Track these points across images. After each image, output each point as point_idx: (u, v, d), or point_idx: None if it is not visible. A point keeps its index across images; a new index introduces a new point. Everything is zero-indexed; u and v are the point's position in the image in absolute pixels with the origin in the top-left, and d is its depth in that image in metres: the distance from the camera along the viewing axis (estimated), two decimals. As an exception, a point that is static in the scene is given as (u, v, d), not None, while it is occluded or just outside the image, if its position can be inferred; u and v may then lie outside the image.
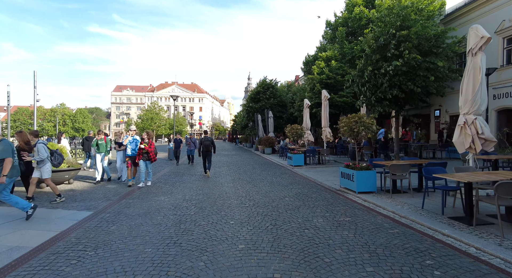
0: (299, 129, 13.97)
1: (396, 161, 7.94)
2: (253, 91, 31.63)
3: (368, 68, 12.73)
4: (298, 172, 12.27)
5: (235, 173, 12.30)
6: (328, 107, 16.10)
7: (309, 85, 22.00)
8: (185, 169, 13.68)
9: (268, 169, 13.38)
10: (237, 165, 15.32)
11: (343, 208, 6.23)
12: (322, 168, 13.29)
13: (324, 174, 11.38)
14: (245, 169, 13.48)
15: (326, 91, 16.05)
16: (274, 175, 11.40)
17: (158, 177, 11.18)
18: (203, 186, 9.24)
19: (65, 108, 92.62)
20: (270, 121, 25.59)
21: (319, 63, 21.61)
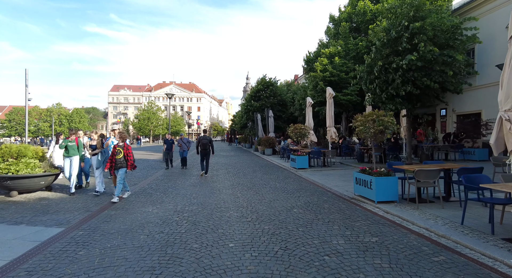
0: (302, 129, 12.97)
1: (420, 165, 6.91)
2: (253, 89, 30.60)
3: (378, 63, 11.72)
4: (303, 175, 11.24)
5: (234, 176, 11.25)
6: (333, 105, 15.08)
7: (312, 83, 20.99)
8: (179, 173, 12.62)
9: (270, 172, 12.34)
10: (236, 168, 14.28)
11: (365, 223, 5.20)
12: (328, 171, 12.27)
13: (333, 179, 10.35)
14: (245, 172, 12.43)
15: (331, 89, 15.03)
16: (277, 180, 10.36)
17: (149, 182, 10.12)
18: (198, 193, 8.18)
19: (61, 108, 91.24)
20: (271, 121, 24.55)
21: (322, 60, 20.59)
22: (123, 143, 7.46)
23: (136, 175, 11.86)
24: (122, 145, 7.41)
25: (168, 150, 14.05)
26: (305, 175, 11.39)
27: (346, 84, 20.09)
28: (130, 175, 11.64)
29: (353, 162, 14.80)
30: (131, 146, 7.80)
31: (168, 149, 14.07)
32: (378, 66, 11.70)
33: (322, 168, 13.23)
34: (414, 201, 6.40)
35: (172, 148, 14.02)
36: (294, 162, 13.15)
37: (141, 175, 11.90)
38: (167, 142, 14.20)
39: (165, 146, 14.23)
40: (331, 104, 14.94)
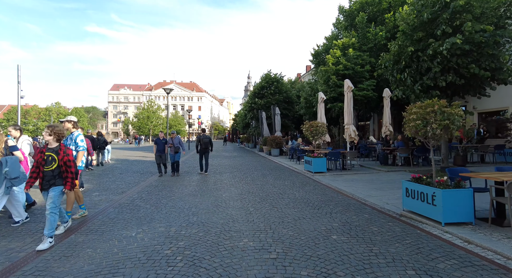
0: (319, 127, 11.22)
1: (505, 174, 5.14)
2: (256, 86, 28.80)
3: (407, 49, 9.97)
4: (323, 181, 9.48)
5: (241, 182, 9.50)
6: (353, 100, 13.33)
7: (322, 77, 19.21)
8: (176, 179, 10.89)
9: (283, 177, 10.58)
10: (242, 171, 12.53)
11: (451, 265, 3.44)
12: (351, 176, 10.51)
13: (361, 186, 8.59)
14: (254, 177, 10.68)
15: (350, 81, 13.28)
16: (294, 187, 8.61)
17: (139, 190, 8.38)
18: (199, 206, 6.44)
19: (60, 107, 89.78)
20: (277, 119, 22.77)
21: (335, 52, 18.81)
22: (58, 144, 4.49)
23: (126, 180, 10.12)
24: (55, 148, 4.45)
25: (160, 152, 11.19)
26: (325, 180, 9.63)
27: (361, 78, 18.34)
28: (118, 180, 9.93)
29: (374, 165, 13.04)
30: (72, 150, 4.85)
31: (160, 151, 11.16)
32: (408, 53, 9.95)
33: (341, 172, 11.46)
34: (497, 223, 4.65)
35: (165, 150, 11.29)
36: (309, 165, 11.39)
37: (131, 180, 10.16)
38: (159, 142, 11.26)
39: (156, 147, 11.25)
40: (350, 98, 13.18)
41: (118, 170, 12.96)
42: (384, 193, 7.56)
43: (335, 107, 17.95)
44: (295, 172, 11.85)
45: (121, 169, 13.41)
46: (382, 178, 9.98)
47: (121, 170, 13.00)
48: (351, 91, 13.31)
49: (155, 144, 11.29)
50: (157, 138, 11.39)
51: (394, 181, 9.27)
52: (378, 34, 18.28)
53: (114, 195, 7.68)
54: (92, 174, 11.68)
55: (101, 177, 11.00)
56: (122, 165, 15.22)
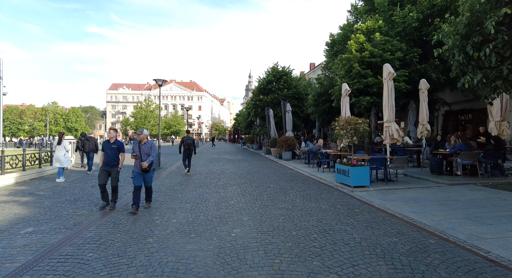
0: (361, 124, 8.21)
1: None
2: (262, 81, 25.79)
3: (500, 12, 6.96)
4: (374, 203, 6.55)
5: (256, 205, 6.57)
6: (394, 91, 10.39)
7: (343, 67, 16.26)
8: (168, 187, 7.96)
9: (313, 195, 7.64)
10: (253, 182, 9.61)
11: None
12: (406, 192, 7.58)
13: (438, 212, 5.66)
14: (271, 194, 7.74)
15: (390, 66, 10.36)
16: (339, 215, 5.67)
17: (99, 223, 5.46)
18: (189, 263, 3.51)
19: (57, 106, 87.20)
20: (288, 116, 19.78)
21: (358, 37, 15.88)
22: None
23: (91, 199, 7.17)
24: None
25: (108, 167, 6.25)
26: (376, 201, 6.70)
27: (390, 68, 15.37)
28: (81, 200, 6.94)
29: (422, 174, 10.10)
30: None
31: (108, 164, 6.24)
32: (494, 19, 6.97)
33: (389, 185, 8.51)
34: None
35: (120, 162, 6.47)
36: (344, 175, 8.45)
37: (97, 201, 7.23)
38: (107, 148, 6.29)
39: (103, 157, 6.31)
40: (390, 88, 10.25)
41: (93, 181, 10.02)
42: (494, 229, 4.63)
43: (361, 101, 15.01)
44: (324, 186, 8.90)
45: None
46: (455, 196, 7.04)
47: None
48: (392, 79, 10.38)
49: (102, 152, 6.32)
50: (104, 141, 6.42)
51: (479, 202, 6.34)
52: (408, 16, 15.33)
53: (52, 234, 4.75)
54: (53, 189, 8.74)
55: (60, 193, 8.07)
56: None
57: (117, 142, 6.51)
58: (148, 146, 6.26)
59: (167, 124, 73.57)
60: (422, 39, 16.40)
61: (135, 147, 6.22)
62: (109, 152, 6.30)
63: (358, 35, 15.99)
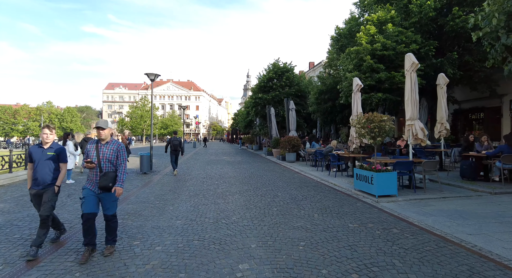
0: (386, 122, 6.90)
1: None
2: (262, 78, 24.42)
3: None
4: (411, 219, 5.25)
5: (263, 219, 5.24)
6: (417, 84, 9.10)
7: (352, 61, 14.96)
8: (148, 199, 6.62)
9: (332, 207, 6.32)
10: (256, 188, 8.27)
11: None
12: (444, 203, 6.28)
13: (506, 234, 4.36)
14: (280, 204, 6.42)
15: (413, 56, 9.08)
16: (372, 236, 4.36)
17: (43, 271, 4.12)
18: None
19: (52, 106, 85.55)
20: (292, 115, 18.44)
21: (369, 28, 14.60)
22: None
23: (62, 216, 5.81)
24: None
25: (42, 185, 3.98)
26: (412, 216, 5.40)
27: (403, 61, 14.09)
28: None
29: (450, 179, 8.81)
30: None
31: (42, 183, 3.98)
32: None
33: (418, 194, 7.21)
34: None
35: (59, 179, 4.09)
36: (365, 183, 7.14)
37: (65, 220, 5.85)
38: (34, 153, 4.04)
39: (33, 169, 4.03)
40: (414, 82, 8.97)
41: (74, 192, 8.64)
42: None
43: (372, 98, 13.72)
44: (342, 194, 7.57)
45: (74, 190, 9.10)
46: (509, 208, 5.75)
47: (76, 190, 8.69)
48: (415, 71, 9.10)
49: (30, 164, 4.06)
50: (33, 147, 4.16)
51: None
52: (425, 5, 14.05)
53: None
54: (19, 200, 7.36)
55: (24, 206, 6.69)
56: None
57: (55, 146, 4.14)
58: (112, 149, 3.88)
59: (164, 124, 72.10)
60: (437, 31, 15.14)
61: (90, 150, 3.89)
62: (42, 163, 3.98)
63: (369, 26, 14.71)
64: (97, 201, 3.82)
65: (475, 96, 17.50)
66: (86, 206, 3.71)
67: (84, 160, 3.87)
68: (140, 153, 12.11)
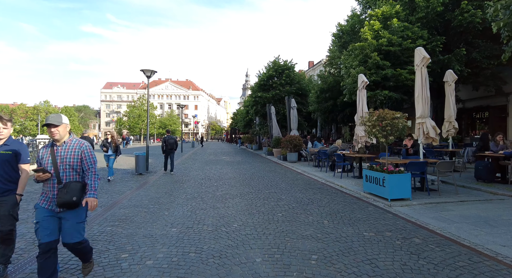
0: (399, 119, 6.34)
1: None
2: (262, 76, 23.89)
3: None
4: (435, 228, 4.72)
5: (268, 226, 4.72)
6: (428, 80, 8.59)
7: (357, 57, 14.44)
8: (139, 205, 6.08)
9: (343, 213, 5.80)
10: (258, 190, 7.74)
11: None
12: (466, 209, 5.76)
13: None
14: (285, 209, 5.89)
15: (424, 50, 8.56)
16: (393, 247, 3.84)
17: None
18: None
19: (49, 106, 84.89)
20: (293, 113, 17.92)
21: (373, 24, 14.09)
22: None
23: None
24: None
25: None
26: (433, 222, 4.89)
27: (409, 58, 13.64)
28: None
29: (464, 181, 8.30)
30: None
31: None
32: None
33: (432, 197, 6.70)
34: None
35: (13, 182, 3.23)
36: (376, 185, 6.63)
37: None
38: None
39: None
40: (425, 77, 8.44)
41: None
42: None
43: (377, 95, 13.22)
44: (350, 197, 7.05)
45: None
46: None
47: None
48: (426, 67, 8.58)
49: None
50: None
51: None
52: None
53: None
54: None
55: None
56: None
57: (12, 144, 3.28)
58: (74, 152, 2.89)
59: (163, 124, 71.50)
60: (444, 27, 14.64)
61: (43, 156, 2.88)
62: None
63: (373, 22, 14.20)
64: (55, 224, 2.79)
65: (480, 95, 17.05)
66: (43, 233, 2.70)
67: (33, 170, 2.73)
68: (136, 153, 11.55)
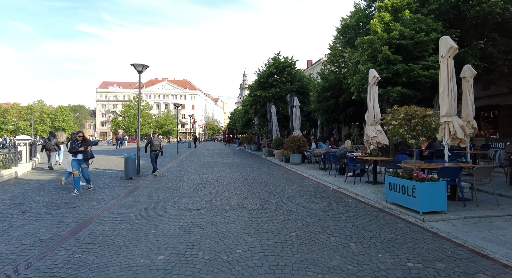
0: (431, 117, 5.39)
1: None
2: (262, 73, 22.82)
3: None
4: (501, 256, 3.69)
5: (281, 253, 3.68)
6: (454, 73, 7.60)
7: (365, 52, 13.44)
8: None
9: (370, 231, 4.77)
10: (263, 199, 6.70)
11: None
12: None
13: None
14: (298, 225, 4.85)
15: (450, 39, 7.57)
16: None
17: None
18: None
19: (43, 105, 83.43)
20: (296, 112, 16.87)
21: (383, 16, 13.09)
22: None
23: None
24: None
25: None
26: (488, 245, 3.88)
27: (422, 52, 12.68)
28: None
29: (495, 188, 7.31)
30: None
31: None
32: None
33: (469, 208, 5.70)
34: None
35: None
36: (403, 194, 5.61)
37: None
38: None
39: None
40: (451, 71, 7.47)
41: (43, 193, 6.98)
42: None
43: (389, 92, 12.21)
44: (372, 209, 6.02)
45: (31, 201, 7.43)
46: None
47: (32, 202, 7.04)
48: (452, 57, 7.59)
49: None
50: None
51: None
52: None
53: None
54: None
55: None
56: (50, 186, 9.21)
57: None
58: None
59: (159, 123, 70.32)
60: (458, 20, 13.68)
61: None
62: None
63: (383, 13, 13.21)
64: None
65: (489, 93, 16.15)
66: None
67: None
68: (125, 155, 10.45)
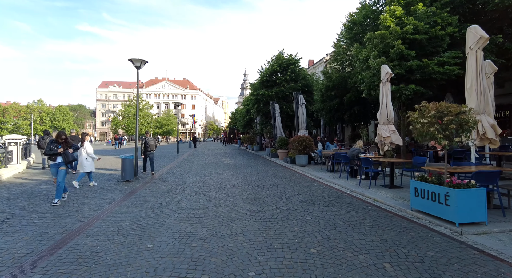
0: (467, 114, 4.71)
1: None
2: (264, 72, 22.07)
3: None
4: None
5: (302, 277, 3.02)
6: (484, 66, 6.92)
7: (376, 47, 12.73)
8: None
9: (403, 246, 4.07)
10: (272, 206, 6.01)
11: None
12: None
13: None
14: (317, 239, 4.16)
15: (480, 28, 6.90)
16: None
17: None
18: None
19: (43, 105, 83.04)
20: (301, 111, 16.15)
21: (394, 9, 12.39)
22: None
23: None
24: None
25: None
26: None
27: (437, 48, 11.97)
28: None
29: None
30: None
31: None
32: None
33: (507, 217, 5.02)
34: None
35: None
36: (433, 202, 4.92)
37: None
38: None
39: None
40: (480, 63, 6.79)
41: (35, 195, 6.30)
42: None
43: (402, 90, 11.51)
44: (396, 218, 5.32)
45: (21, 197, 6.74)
46: None
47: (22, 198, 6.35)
48: (482, 49, 6.90)
49: None
50: None
51: None
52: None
53: None
54: None
55: None
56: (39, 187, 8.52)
57: None
58: None
59: (159, 123, 69.70)
60: (473, 14, 12.99)
61: None
62: None
63: (394, 7, 12.51)
64: None
65: (502, 92, 15.47)
66: None
67: None
68: (122, 155, 9.76)
